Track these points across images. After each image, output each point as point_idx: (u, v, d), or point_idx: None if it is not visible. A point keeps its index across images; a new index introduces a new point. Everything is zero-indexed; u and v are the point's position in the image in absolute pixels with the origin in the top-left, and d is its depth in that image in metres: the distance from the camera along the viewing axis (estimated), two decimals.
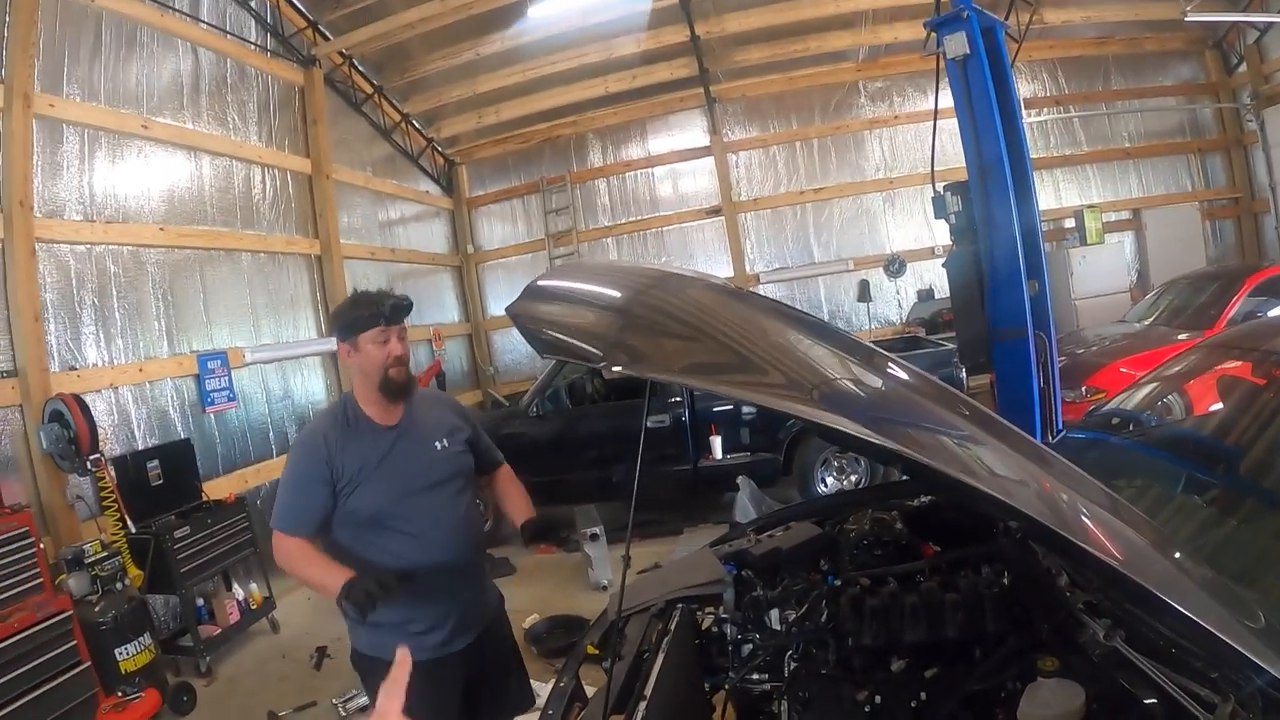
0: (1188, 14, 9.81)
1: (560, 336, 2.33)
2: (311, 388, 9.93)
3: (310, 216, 10.23)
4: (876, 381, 2.48)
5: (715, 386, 2.17)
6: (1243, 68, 13.56)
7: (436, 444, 3.28)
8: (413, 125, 13.49)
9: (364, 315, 3.10)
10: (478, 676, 3.34)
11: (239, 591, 7.31)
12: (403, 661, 1.40)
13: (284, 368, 9.49)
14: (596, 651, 2.98)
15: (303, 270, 10.03)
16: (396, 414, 3.23)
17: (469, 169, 14.99)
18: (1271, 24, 11.71)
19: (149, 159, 7.92)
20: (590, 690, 2.89)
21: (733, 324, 2.42)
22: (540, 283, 2.69)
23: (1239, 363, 3.72)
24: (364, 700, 5.69)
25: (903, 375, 2.66)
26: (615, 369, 1.97)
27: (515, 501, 3.54)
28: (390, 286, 3.38)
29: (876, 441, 1.96)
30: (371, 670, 3.18)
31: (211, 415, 8.21)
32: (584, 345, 2.17)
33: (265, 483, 8.74)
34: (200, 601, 7.00)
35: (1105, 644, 2.26)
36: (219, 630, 6.93)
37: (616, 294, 2.61)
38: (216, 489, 7.75)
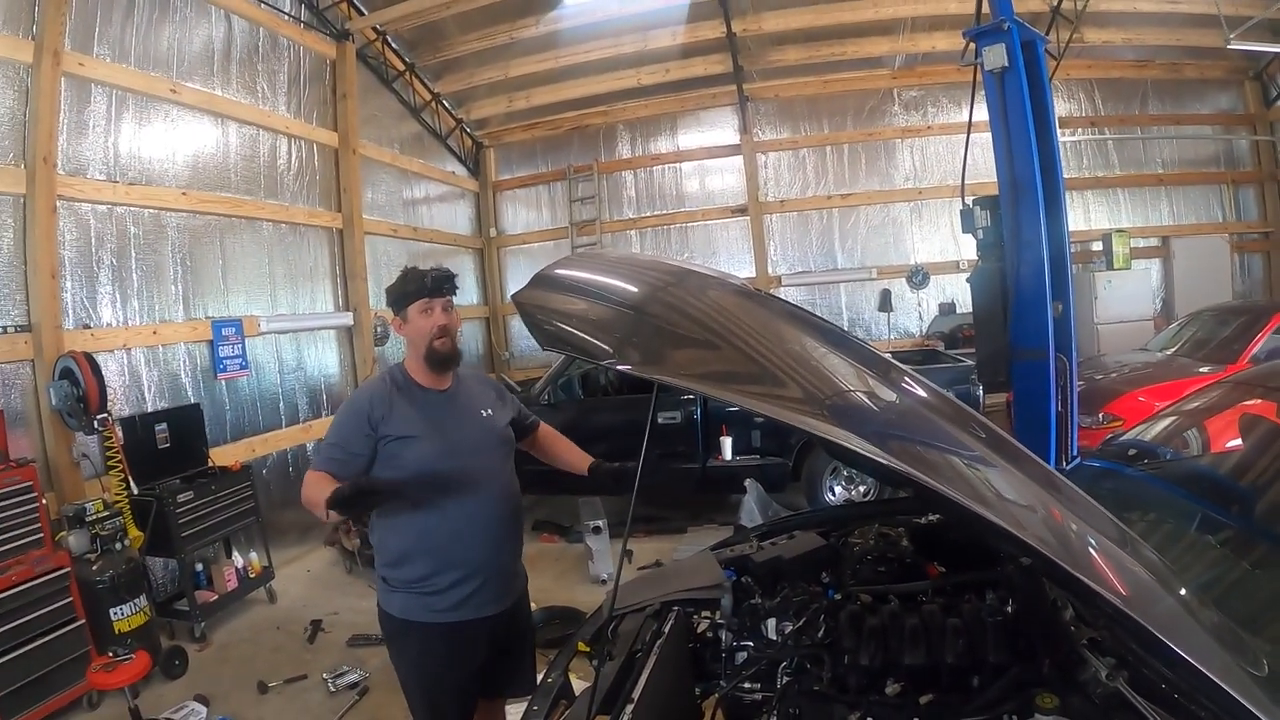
0: (1231, 41, 9.68)
1: (566, 329, 2.29)
2: (325, 361, 9.92)
3: (334, 190, 10.21)
4: (890, 397, 2.43)
5: (724, 394, 2.10)
6: None
7: (483, 412, 3.45)
8: (443, 105, 13.46)
9: (410, 289, 3.28)
10: (501, 648, 3.43)
11: (238, 559, 7.32)
12: None
13: (298, 339, 9.49)
14: (587, 649, 2.95)
15: (323, 243, 10.02)
16: (445, 382, 3.39)
17: (496, 152, 14.96)
18: None
19: (176, 123, 7.91)
20: (579, 687, 2.86)
21: (748, 329, 2.37)
22: (550, 271, 2.63)
23: (1262, 401, 3.65)
24: (354, 676, 5.68)
25: (918, 391, 2.60)
26: (623, 368, 1.92)
27: (569, 451, 3.81)
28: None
29: (884, 461, 1.92)
30: (403, 635, 3.28)
31: (223, 382, 8.21)
32: (591, 340, 2.14)
33: (273, 452, 8.78)
34: (199, 567, 7.01)
35: (1108, 684, 2.20)
36: (216, 597, 6.94)
37: (631, 289, 2.56)
38: (223, 456, 7.77)
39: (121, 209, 7.22)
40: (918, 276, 13.57)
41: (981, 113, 5.92)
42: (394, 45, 11.90)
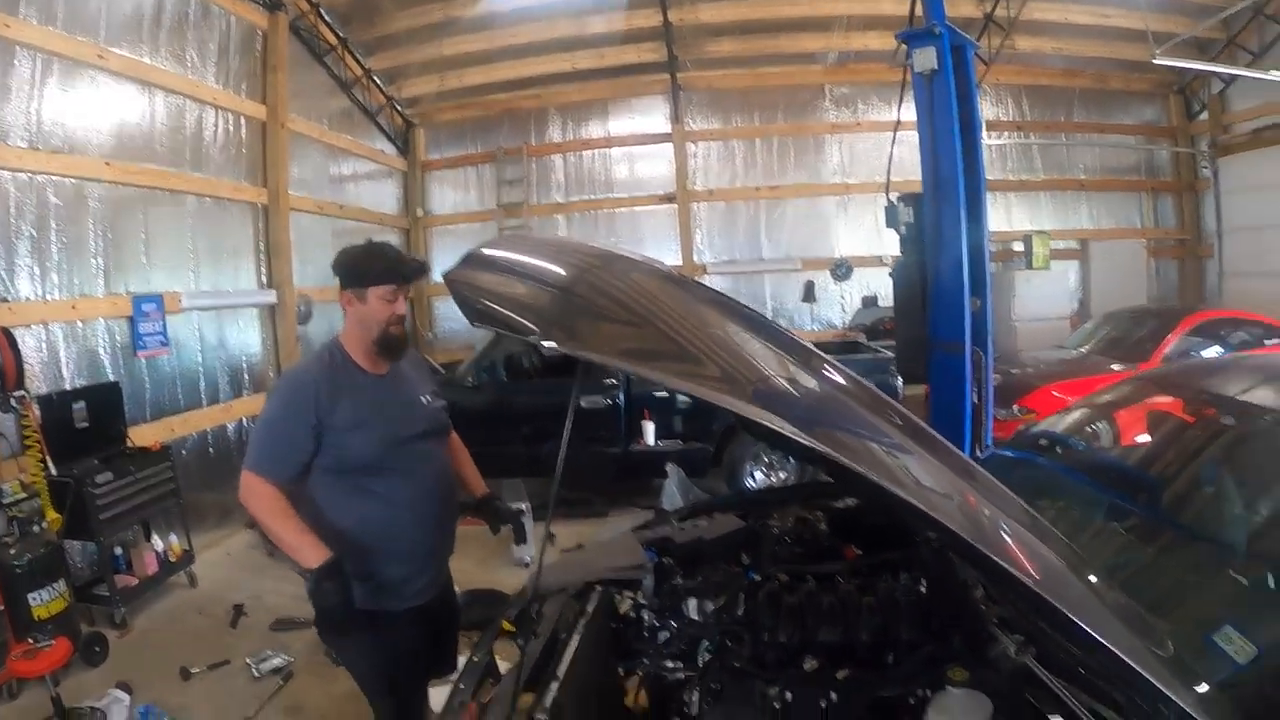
0: (1157, 56, 10.02)
1: (495, 306, 2.29)
2: (247, 340, 9.70)
3: (260, 164, 9.97)
4: (811, 382, 2.49)
5: (650, 372, 2.14)
6: (1204, 116, 14.10)
7: (422, 397, 3.36)
8: (374, 82, 13.23)
9: (378, 269, 3.13)
10: (434, 631, 3.41)
11: (158, 543, 7.16)
12: None
13: (221, 317, 9.26)
14: (512, 628, 2.98)
15: (247, 219, 9.79)
16: (385, 365, 3.26)
17: (426, 132, 14.75)
18: (1237, 77, 12.06)
19: (101, 90, 7.66)
20: (504, 667, 2.90)
21: (674, 312, 2.41)
22: (482, 250, 2.66)
23: (1170, 398, 3.81)
24: (278, 661, 5.63)
25: (838, 379, 2.67)
26: (548, 344, 1.95)
27: (468, 467, 3.67)
28: (343, 244, 3.36)
29: (805, 441, 1.97)
30: (342, 622, 3.07)
31: (143, 360, 7.99)
32: (518, 318, 2.16)
33: (193, 433, 8.58)
34: (118, 551, 6.83)
35: (1016, 660, 2.31)
36: (136, 581, 6.78)
37: (560, 270, 2.58)
38: (142, 436, 7.57)
39: (42, 178, 6.98)
40: (842, 269, 13.82)
41: (910, 112, 6.06)
42: (327, 19, 11.67)
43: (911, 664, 2.58)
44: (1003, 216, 14.05)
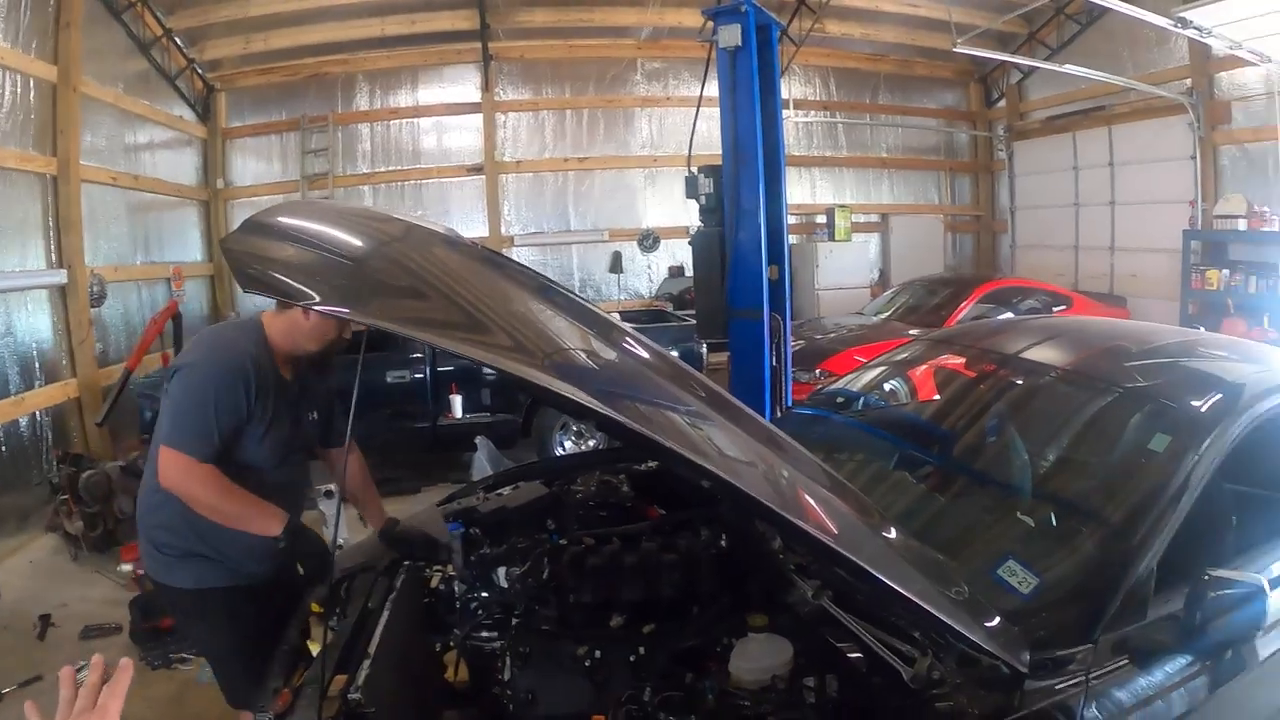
0: (957, 45, 10.60)
1: (270, 273, 2.18)
2: (37, 324, 8.78)
3: (50, 131, 9.10)
4: (611, 354, 2.50)
5: (439, 340, 2.10)
6: (1002, 103, 15.29)
7: (312, 414, 3.23)
8: (174, 42, 12.33)
9: None
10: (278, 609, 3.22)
11: None
12: (126, 667, 1.36)
13: (8, 300, 8.35)
14: (320, 609, 2.93)
15: (35, 191, 8.90)
16: (293, 371, 3.09)
17: (229, 97, 13.87)
18: (1035, 69, 13.06)
19: None
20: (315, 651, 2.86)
21: (469, 283, 2.36)
22: (262, 216, 2.50)
23: (957, 357, 4.09)
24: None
25: (640, 351, 2.69)
26: (321, 308, 1.90)
27: (368, 492, 3.54)
28: (139, 219, 3.15)
29: (603, 412, 1.97)
30: (202, 605, 2.98)
31: None
32: (294, 284, 2.09)
33: None
34: None
35: (813, 603, 2.46)
36: None
37: (347, 237, 2.44)
38: None
39: None
40: (648, 240, 14.06)
41: (715, 87, 6.21)
42: None
43: (714, 614, 2.71)
44: (807, 191, 14.71)
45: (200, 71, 13.20)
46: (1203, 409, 2.85)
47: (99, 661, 1.35)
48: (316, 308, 1.88)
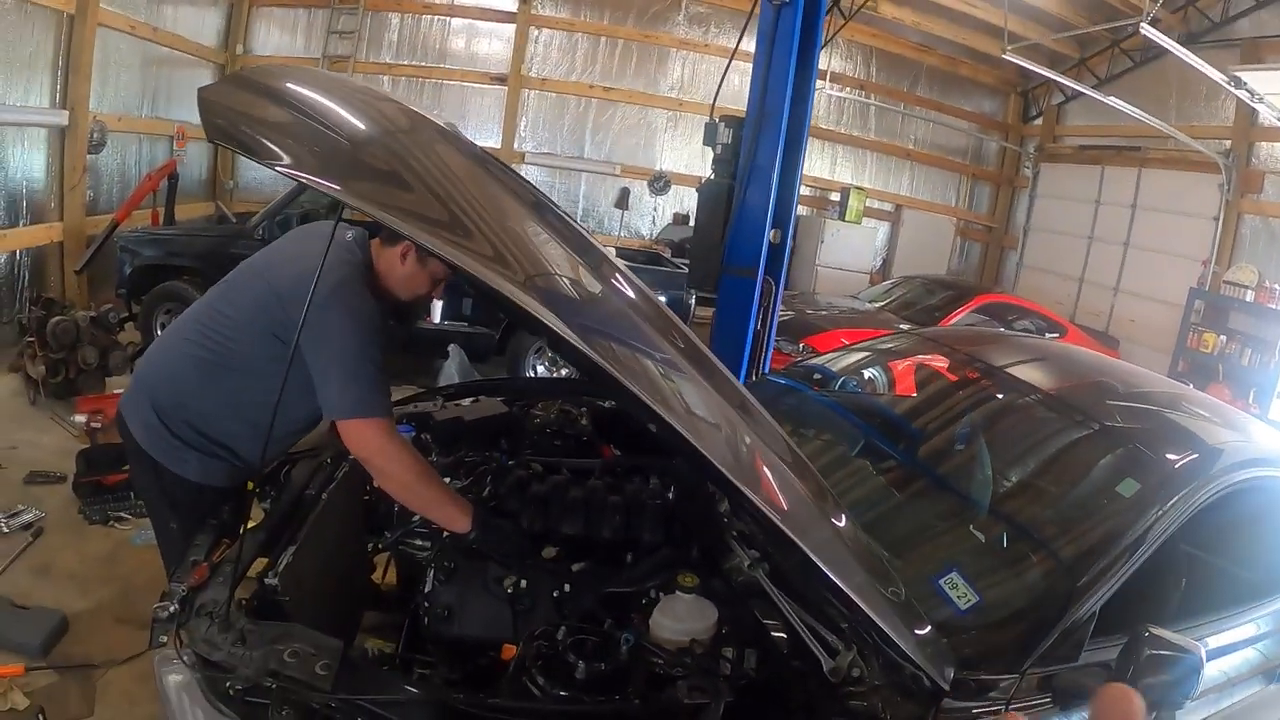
0: (1007, 51, 10.42)
1: (239, 126, 2.03)
2: (31, 163, 8.56)
3: None
4: (596, 287, 2.35)
5: (419, 235, 1.94)
6: (1038, 121, 15.11)
7: None
8: None
9: None
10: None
11: None
12: None
13: (3, 134, 8.13)
14: (254, 488, 2.84)
15: (49, 28, 8.55)
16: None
17: None
18: (1079, 94, 12.71)
19: None
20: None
21: (462, 184, 2.18)
22: (250, 73, 2.36)
23: (943, 358, 4.02)
24: (29, 516, 5.14)
25: (628, 290, 2.52)
26: (284, 170, 1.77)
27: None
28: (152, 72, 2.90)
29: (574, 342, 1.87)
30: (195, 500, 2.77)
31: None
32: (264, 142, 1.92)
33: None
34: None
35: (748, 574, 2.41)
36: None
37: (338, 109, 2.17)
38: None
39: None
40: (659, 182, 13.90)
41: (754, 43, 6.07)
42: None
43: (647, 565, 2.65)
44: (827, 166, 14.58)
45: None
46: (1177, 464, 2.80)
47: None
48: (276, 167, 1.74)
